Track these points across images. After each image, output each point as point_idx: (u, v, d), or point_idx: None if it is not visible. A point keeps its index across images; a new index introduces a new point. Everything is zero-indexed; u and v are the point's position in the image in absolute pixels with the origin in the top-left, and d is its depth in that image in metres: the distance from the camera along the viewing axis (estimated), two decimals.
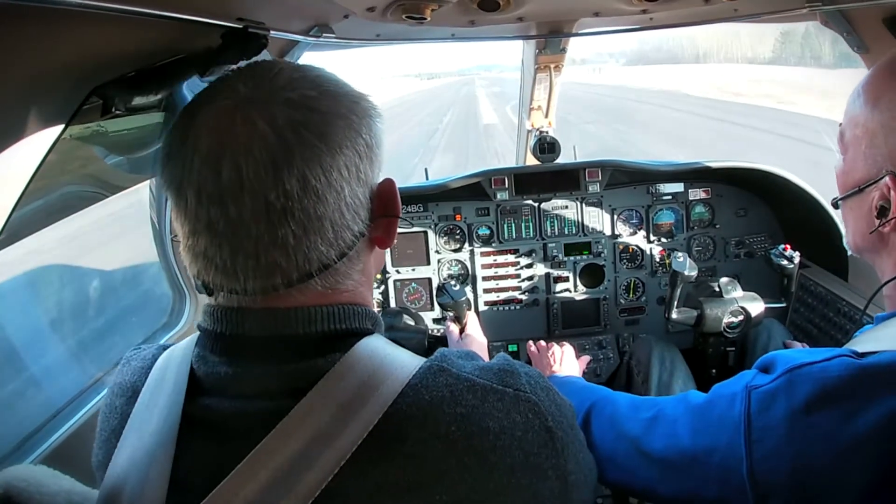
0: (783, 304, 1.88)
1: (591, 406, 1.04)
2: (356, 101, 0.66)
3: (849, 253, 0.97)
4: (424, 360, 0.65)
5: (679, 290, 1.76)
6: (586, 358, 1.76)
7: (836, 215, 2.00)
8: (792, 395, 0.74)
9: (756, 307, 1.73)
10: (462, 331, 1.74)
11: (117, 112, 0.87)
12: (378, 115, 0.69)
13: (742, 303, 1.73)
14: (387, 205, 0.69)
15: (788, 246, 1.85)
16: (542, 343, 1.77)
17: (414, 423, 0.59)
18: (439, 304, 1.79)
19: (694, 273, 1.73)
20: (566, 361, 1.61)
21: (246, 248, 0.59)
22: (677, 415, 0.88)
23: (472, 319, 1.75)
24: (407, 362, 0.63)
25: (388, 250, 2.28)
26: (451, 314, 1.79)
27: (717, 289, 1.76)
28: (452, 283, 1.83)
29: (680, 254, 1.77)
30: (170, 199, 0.63)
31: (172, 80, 0.88)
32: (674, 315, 1.78)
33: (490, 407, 0.61)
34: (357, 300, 0.68)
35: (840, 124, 0.92)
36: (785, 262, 1.82)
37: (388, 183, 0.70)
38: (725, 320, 1.74)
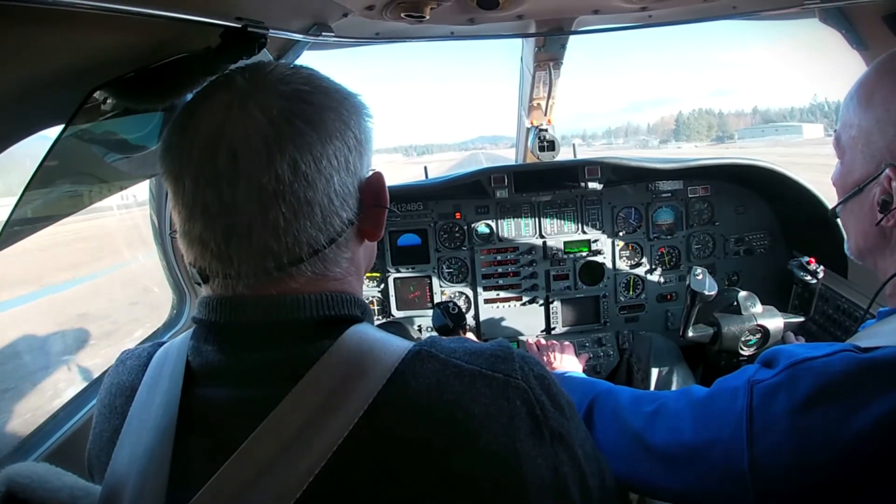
0: (802, 319, 1.73)
1: (592, 400, 1.04)
2: (346, 98, 0.70)
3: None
4: (413, 344, 0.65)
5: (696, 310, 1.63)
6: (586, 355, 1.77)
7: None
8: (794, 389, 0.74)
9: (775, 324, 1.63)
10: None
11: (117, 112, 0.88)
12: (368, 113, 0.72)
13: (761, 320, 1.62)
14: (375, 196, 0.72)
15: (813, 260, 1.68)
16: (542, 340, 1.77)
17: (400, 409, 0.60)
18: (435, 329, 1.72)
19: (714, 292, 1.60)
20: (566, 358, 1.62)
21: (239, 229, 0.62)
22: (679, 408, 0.88)
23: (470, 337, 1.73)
24: (395, 347, 0.64)
25: (388, 250, 2.30)
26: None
27: (735, 303, 1.64)
28: (451, 306, 1.75)
29: (699, 271, 1.62)
30: (168, 187, 0.66)
31: (172, 79, 0.89)
32: (689, 333, 1.66)
33: (477, 393, 0.61)
34: (346, 289, 0.70)
35: (835, 130, 0.93)
36: (808, 278, 1.66)
37: (377, 175, 0.73)
38: (743, 339, 1.63)
